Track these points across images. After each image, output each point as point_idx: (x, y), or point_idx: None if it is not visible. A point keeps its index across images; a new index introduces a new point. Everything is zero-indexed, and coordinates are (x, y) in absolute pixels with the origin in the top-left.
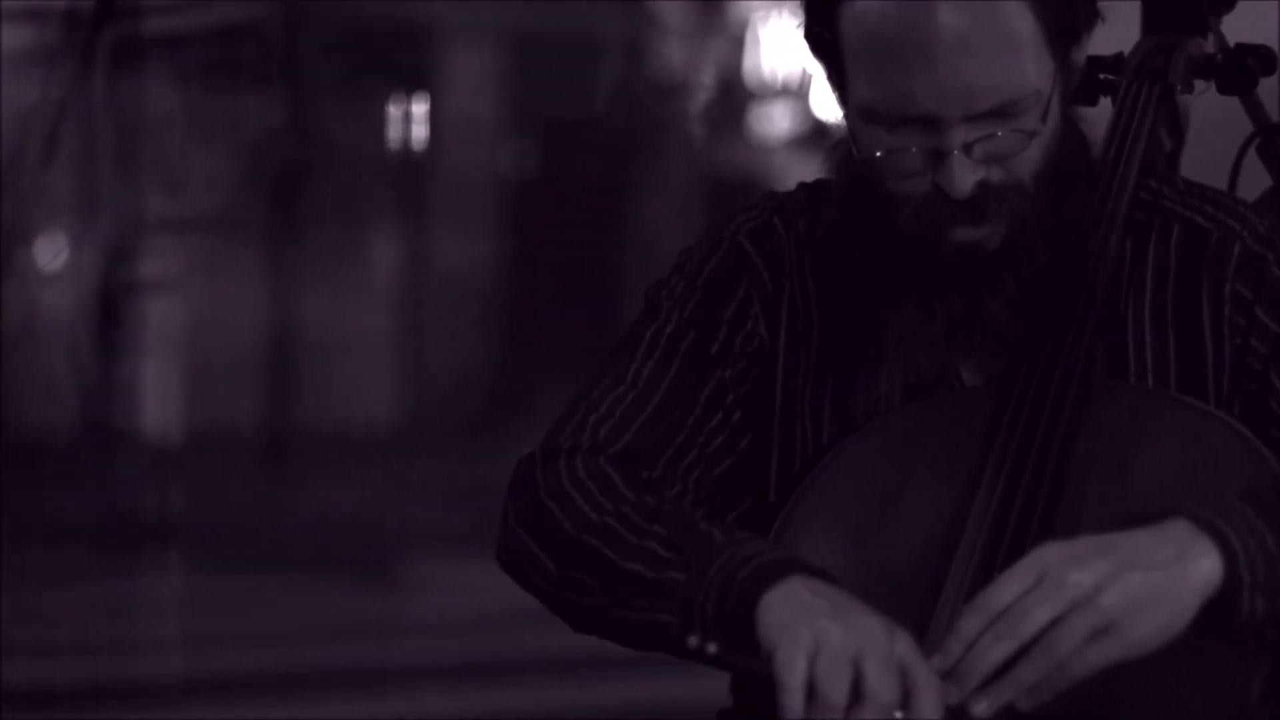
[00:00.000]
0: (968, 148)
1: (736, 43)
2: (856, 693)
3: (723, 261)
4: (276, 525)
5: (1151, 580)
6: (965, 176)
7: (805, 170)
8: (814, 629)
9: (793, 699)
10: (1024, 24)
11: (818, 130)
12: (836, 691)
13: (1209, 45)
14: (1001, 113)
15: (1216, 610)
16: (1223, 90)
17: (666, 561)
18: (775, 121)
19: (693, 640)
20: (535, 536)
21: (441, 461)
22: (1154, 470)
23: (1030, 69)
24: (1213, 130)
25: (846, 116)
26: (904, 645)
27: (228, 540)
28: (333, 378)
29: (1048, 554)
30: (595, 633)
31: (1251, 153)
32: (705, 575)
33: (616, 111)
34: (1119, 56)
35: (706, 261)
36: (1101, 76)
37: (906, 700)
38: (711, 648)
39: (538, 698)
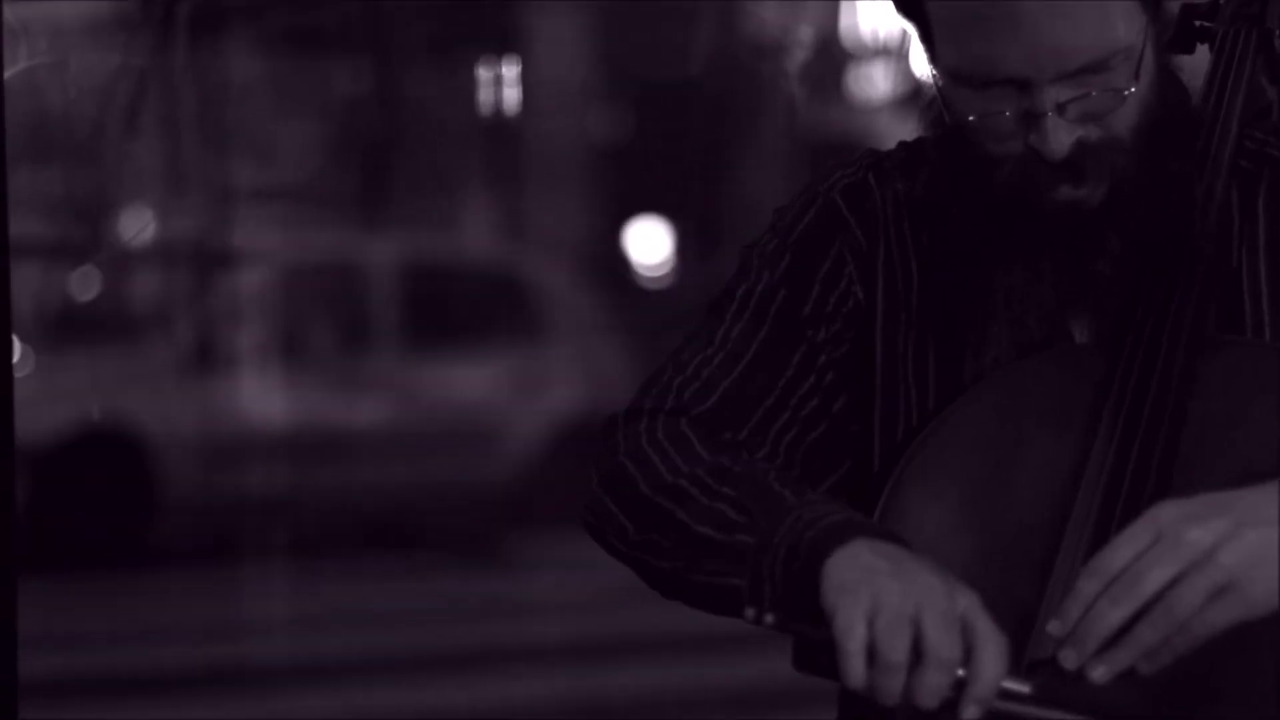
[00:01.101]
0: (1061, 108)
1: (833, 2)
2: (918, 651)
3: (816, 219)
4: (380, 507)
5: (1270, 537)
6: (1061, 138)
7: (905, 131)
8: (873, 590)
9: (854, 663)
10: None
11: (917, 90)
12: (897, 650)
13: None
14: (1092, 70)
15: None
16: None
17: (736, 524)
18: (874, 82)
19: (749, 613)
20: (614, 497)
21: (548, 438)
22: (1269, 426)
23: (1120, 25)
24: None
25: (936, 78)
26: (966, 601)
27: (328, 523)
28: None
29: (1163, 513)
30: (673, 596)
31: None
32: (773, 538)
33: (712, 73)
34: (1215, 3)
35: (800, 220)
36: (1198, 24)
37: (969, 657)
38: (769, 619)
39: (647, 676)
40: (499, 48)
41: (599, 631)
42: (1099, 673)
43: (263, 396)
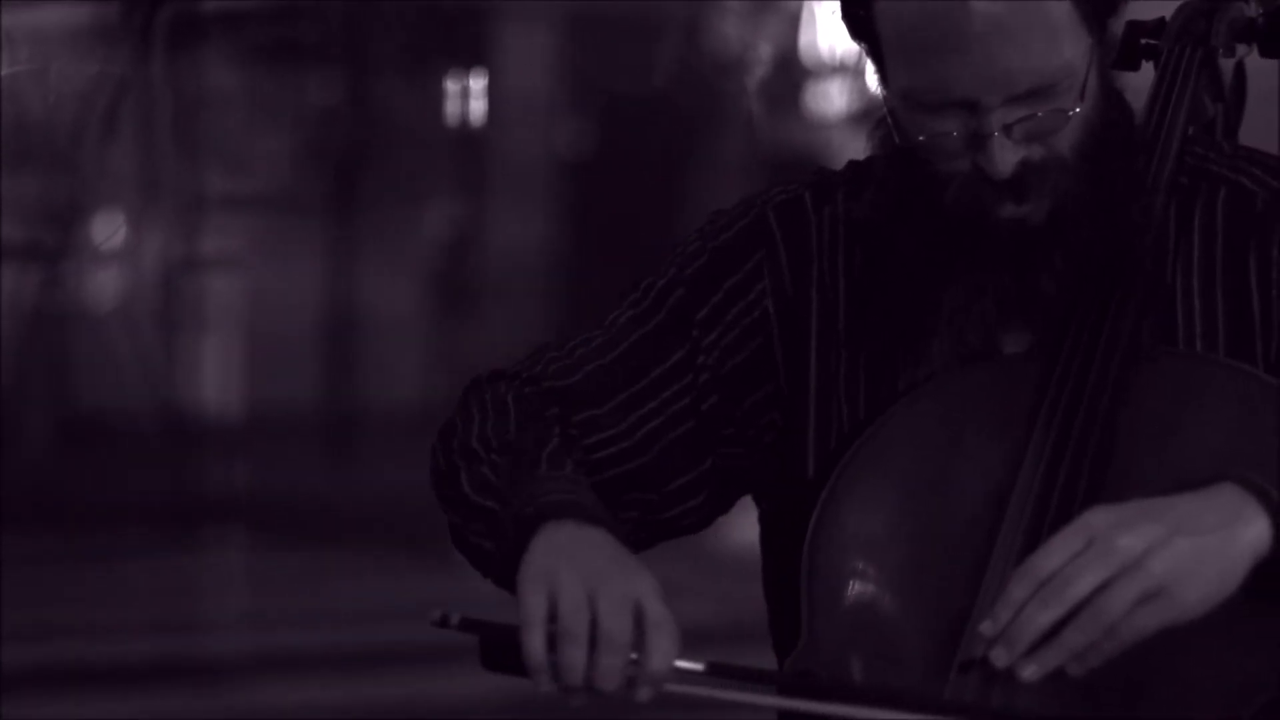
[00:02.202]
0: (1008, 129)
1: (793, 19)
2: (594, 636)
3: (742, 230)
4: (337, 503)
5: (1201, 545)
6: (1006, 158)
7: (862, 147)
8: (554, 573)
9: (533, 641)
10: (1057, 5)
11: (874, 107)
12: (575, 630)
13: (1251, 8)
14: (1040, 92)
15: (1265, 573)
16: (1264, 53)
17: (491, 490)
18: (832, 99)
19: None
20: (439, 449)
21: None
22: (1201, 435)
23: (1066, 48)
24: (1269, 100)
25: (887, 100)
26: (642, 586)
27: (289, 518)
28: (392, 356)
29: (1096, 518)
30: (462, 553)
31: None
32: (510, 508)
33: (674, 89)
34: (1161, 21)
35: (728, 228)
36: (1143, 41)
37: (641, 641)
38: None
39: None
40: (467, 60)
41: None
42: (1028, 672)
43: (225, 393)
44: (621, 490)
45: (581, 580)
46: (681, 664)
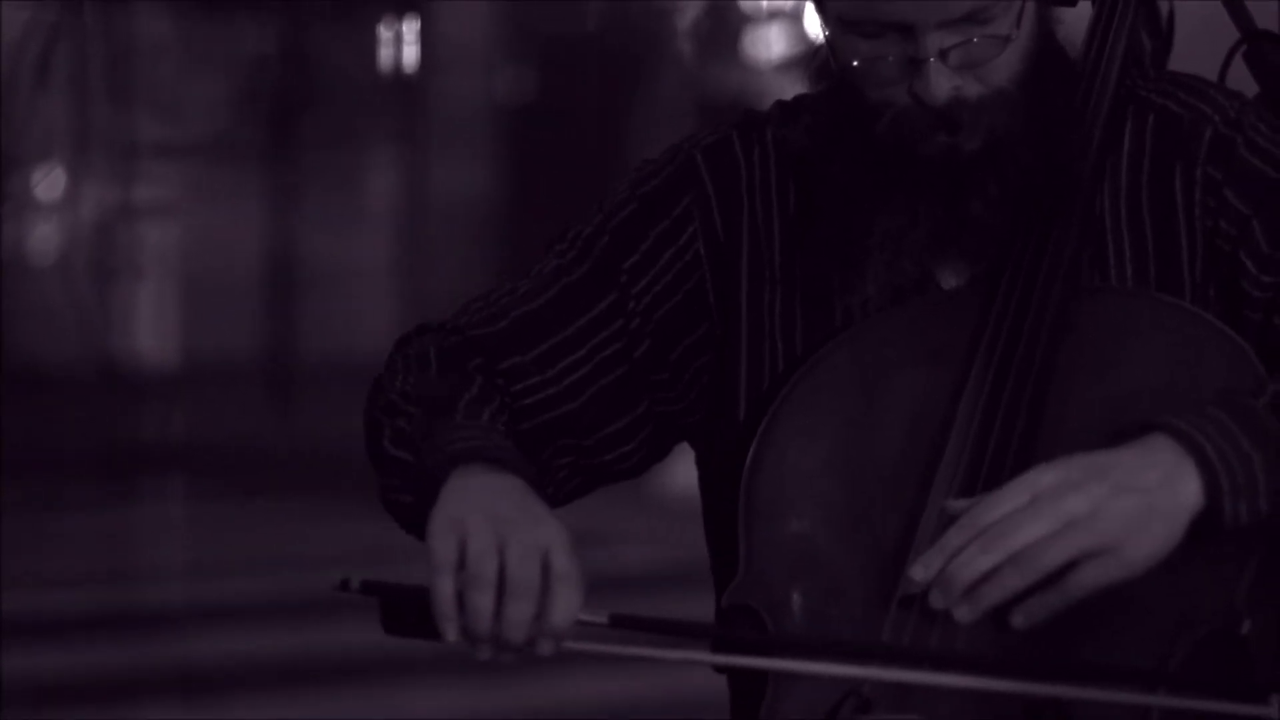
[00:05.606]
0: (943, 54)
1: None
2: (501, 584)
3: (670, 176)
4: (277, 452)
5: (1145, 503)
6: (941, 84)
7: (799, 92)
8: (463, 520)
9: (444, 586)
10: None
11: (810, 53)
12: (484, 576)
13: None
14: (976, 18)
15: (1202, 521)
16: None
17: (406, 442)
18: (769, 44)
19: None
20: (367, 408)
21: None
22: (1137, 370)
23: None
24: (1199, 38)
25: (825, 27)
26: (550, 536)
27: (228, 468)
28: (331, 304)
29: (1042, 477)
30: (390, 514)
31: (1238, 60)
32: (423, 458)
33: (611, 33)
34: None
35: (655, 175)
36: None
37: (545, 593)
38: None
39: None
40: (400, 6)
41: None
42: (962, 611)
43: (163, 341)
44: (552, 436)
45: (491, 527)
46: (585, 616)
